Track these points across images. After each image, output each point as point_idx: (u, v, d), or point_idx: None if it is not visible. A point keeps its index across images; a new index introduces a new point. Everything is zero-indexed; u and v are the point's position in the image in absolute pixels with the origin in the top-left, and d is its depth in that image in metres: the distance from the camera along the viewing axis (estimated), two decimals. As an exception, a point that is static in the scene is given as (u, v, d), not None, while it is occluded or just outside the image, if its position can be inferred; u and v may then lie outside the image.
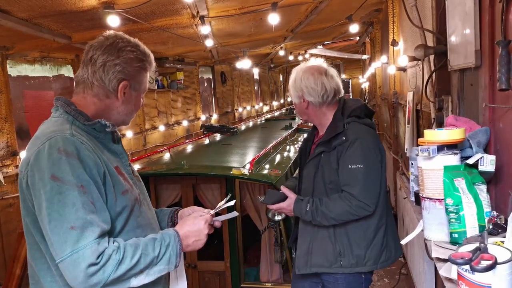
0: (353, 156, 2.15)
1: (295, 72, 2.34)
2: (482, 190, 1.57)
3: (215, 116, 9.92)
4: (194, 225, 1.57)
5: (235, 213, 1.78)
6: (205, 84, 9.92)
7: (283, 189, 2.29)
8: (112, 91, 1.51)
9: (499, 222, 1.48)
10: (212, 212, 1.68)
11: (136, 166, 3.77)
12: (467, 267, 1.10)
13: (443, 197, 1.57)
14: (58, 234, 1.29)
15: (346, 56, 12.57)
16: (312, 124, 2.53)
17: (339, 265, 2.21)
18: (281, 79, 17.98)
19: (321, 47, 10.53)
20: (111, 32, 1.57)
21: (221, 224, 1.70)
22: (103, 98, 1.52)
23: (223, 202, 1.75)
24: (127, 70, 1.51)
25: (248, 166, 3.69)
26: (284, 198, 2.27)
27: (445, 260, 1.48)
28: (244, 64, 8.19)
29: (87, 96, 1.53)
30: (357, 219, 2.17)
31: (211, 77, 10.12)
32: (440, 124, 2.73)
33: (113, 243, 1.36)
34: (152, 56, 1.61)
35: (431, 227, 1.67)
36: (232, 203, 1.74)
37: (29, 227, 1.42)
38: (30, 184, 1.36)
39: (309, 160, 2.29)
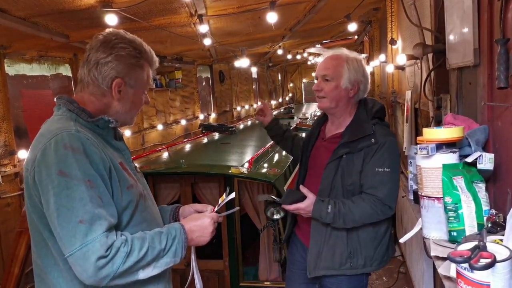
0: (381, 159, 2.12)
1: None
2: (480, 188, 1.57)
3: (213, 115, 9.91)
4: (200, 221, 1.60)
5: (236, 208, 1.84)
6: (204, 83, 9.91)
7: (302, 189, 2.18)
8: (107, 89, 1.51)
9: (497, 220, 1.48)
10: (216, 209, 1.71)
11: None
12: (466, 265, 1.09)
13: (442, 196, 1.57)
14: (67, 229, 1.31)
15: (344, 55, 12.56)
16: (311, 123, 2.51)
17: (349, 266, 2.19)
18: (279, 78, 17.98)
19: (319, 46, 10.53)
20: (110, 30, 1.56)
21: (222, 219, 1.73)
22: (100, 97, 1.53)
23: (224, 197, 1.77)
24: (119, 68, 1.50)
25: (246, 165, 3.69)
26: (303, 198, 2.15)
27: (444, 259, 1.48)
28: (242, 63, 8.18)
29: (84, 95, 1.54)
30: None
31: (209, 76, 10.11)
32: (439, 123, 2.73)
33: (121, 236, 1.38)
34: (150, 53, 1.60)
35: (430, 225, 1.67)
36: (232, 195, 1.77)
37: (36, 224, 1.43)
38: (37, 181, 1.37)
39: (330, 161, 2.20)
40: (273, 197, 2.42)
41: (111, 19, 3.63)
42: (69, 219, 1.31)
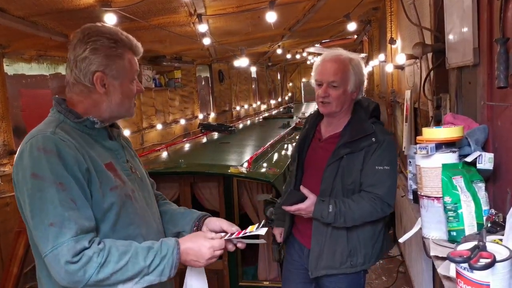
0: (381, 158, 2.13)
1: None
2: (480, 188, 1.57)
3: (212, 115, 9.91)
4: (198, 246, 1.52)
5: (262, 241, 1.67)
6: (203, 83, 9.90)
7: (303, 189, 2.15)
8: (91, 85, 1.49)
9: (497, 220, 1.48)
10: (227, 237, 1.61)
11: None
12: (466, 265, 1.09)
13: (442, 195, 1.57)
14: (40, 230, 1.32)
15: (343, 55, 12.54)
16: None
17: (349, 265, 2.20)
18: (278, 77, 17.97)
19: (318, 45, 10.52)
20: (86, 25, 1.53)
21: (244, 246, 1.64)
22: (87, 95, 1.51)
23: (254, 227, 1.65)
24: (96, 61, 1.47)
25: (246, 164, 3.69)
26: (303, 199, 2.13)
27: (443, 258, 1.48)
28: (241, 62, 8.18)
29: (73, 96, 1.53)
30: None
31: (208, 75, 10.11)
32: (438, 122, 2.73)
33: (98, 244, 1.35)
34: (127, 40, 1.54)
35: (429, 225, 1.67)
36: (263, 231, 1.63)
37: (26, 223, 1.44)
38: (15, 182, 1.40)
39: (331, 162, 2.19)
40: (273, 198, 2.40)
41: (110, 18, 3.63)
42: (42, 221, 1.31)
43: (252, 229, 1.63)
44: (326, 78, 2.19)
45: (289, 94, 19.48)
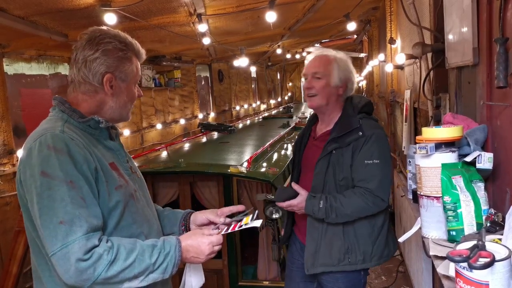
0: (370, 152, 2.14)
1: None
2: (479, 187, 1.57)
3: (212, 114, 9.92)
4: (197, 242, 1.53)
5: (258, 222, 1.64)
6: (203, 82, 9.91)
7: (294, 185, 2.20)
8: (99, 85, 1.51)
9: (496, 219, 1.48)
10: (224, 232, 1.62)
11: (134, 165, 3.75)
12: (465, 264, 1.09)
13: (441, 195, 1.57)
14: (48, 229, 1.31)
15: (343, 54, 12.55)
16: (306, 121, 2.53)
17: (347, 262, 2.20)
18: (278, 77, 17.98)
19: (318, 45, 10.53)
20: (93, 27, 1.55)
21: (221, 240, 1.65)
22: (93, 95, 1.53)
23: (249, 219, 1.66)
24: (107, 62, 1.50)
25: (245, 164, 3.69)
26: (295, 195, 2.18)
27: (442, 258, 1.48)
28: (241, 62, 8.18)
29: (78, 95, 1.54)
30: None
31: (208, 75, 10.11)
32: (438, 122, 2.73)
33: (107, 242, 1.36)
34: (136, 45, 1.59)
35: (428, 225, 1.67)
36: (258, 223, 1.63)
37: (27, 223, 1.44)
38: (22, 181, 1.39)
39: (320, 157, 2.22)
40: (267, 195, 2.42)
41: (110, 18, 3.63)
42: (51, 219, 1.31)
43: (247, 221, 1.66)
44: (310, 70, 2.29)
45: (289, 94, 19.49)
